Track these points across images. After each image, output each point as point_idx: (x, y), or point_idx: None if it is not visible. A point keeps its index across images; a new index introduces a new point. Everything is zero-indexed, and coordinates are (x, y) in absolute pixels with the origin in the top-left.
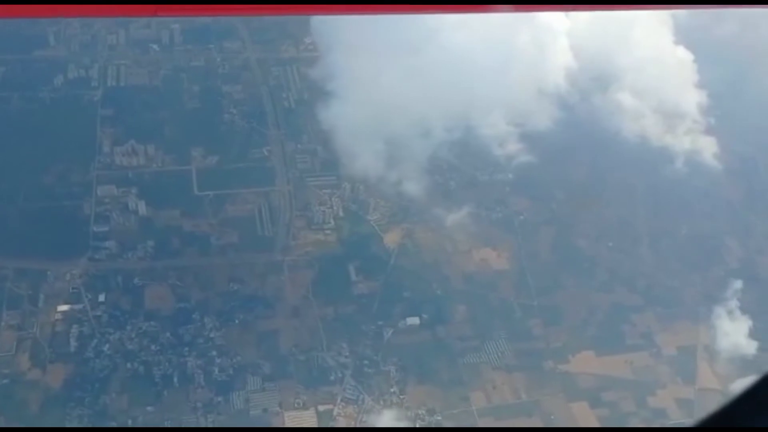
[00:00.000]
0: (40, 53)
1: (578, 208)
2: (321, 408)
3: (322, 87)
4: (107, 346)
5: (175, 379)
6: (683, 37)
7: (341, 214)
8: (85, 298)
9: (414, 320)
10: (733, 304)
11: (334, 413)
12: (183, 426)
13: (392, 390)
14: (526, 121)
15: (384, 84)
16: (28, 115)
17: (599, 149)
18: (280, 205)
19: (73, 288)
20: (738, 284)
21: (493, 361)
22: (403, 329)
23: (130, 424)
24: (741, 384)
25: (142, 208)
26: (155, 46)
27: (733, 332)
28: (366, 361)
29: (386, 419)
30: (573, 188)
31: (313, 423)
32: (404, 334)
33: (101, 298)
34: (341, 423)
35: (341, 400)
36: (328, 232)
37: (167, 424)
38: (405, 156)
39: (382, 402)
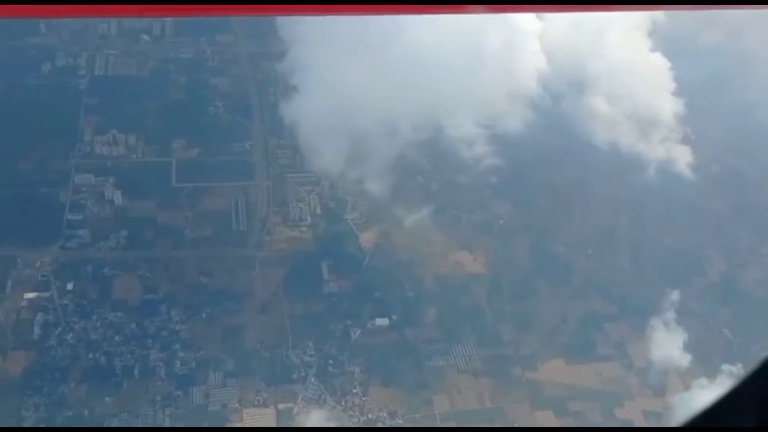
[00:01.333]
0: (31, 40)
1: (560, 214)
2: (281, 406)
3: (288, 82)
4: (71, 335)
5: (136, 371)
6: (661, 43)
7: (319, 211)
8: (53, 286)
9: (383, 321)
10: (670, 315)
11: (294, 412)
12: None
13: (355, 391)
14: (496, 124)
15: (350, 81)
16: (12, 101)
17: (572, 155)
18: (258, 200)
19: (42, 275)
20: (675, 295)
21: (460, 365)
22: (371, 330)
23: (86, 414)
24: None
25: (118, 198)
26: (146, 37)
27: (667, 344)
28: (331, 361)
29: (315, 419)
30: (555, 194)
31: (271, 421)
32: (372, 335)
33: (69, 286)
34: (299, 422)
35: (302, 399)
36: (303, 229)
37: (124, 416)
38: (374, 154)
39: (344, 402)
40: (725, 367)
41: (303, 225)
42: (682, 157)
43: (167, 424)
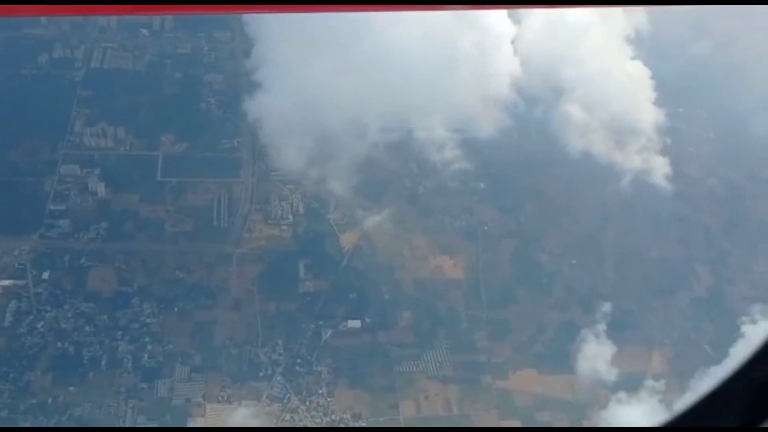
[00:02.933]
0: (31, 31)
1: (547, 222)
2: (245, 403)
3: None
4: (42, 323)
5: (103, 362)
6: (643, 51)
7: (301, 210)
8: (29, 274)
9: (355, 323)
10: (601, 327)
11: (257, 410)
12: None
13: (320, 391)
14: (467, 128)
15: (317, 79)
16: (7, 91)
17: (545, 163)
18: (241, 197)
19: (19, 263)
20: (607, 307)
21: (430, 370)
22: (343, 331)
23: (49, 402)
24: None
25: (102, 190)
26: (145, 31)
27: (595, 357)
28: (299, 360)
29: (240, 416)
30: (533, 201)
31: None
32: (343, 337)
33: (45, 275)
34: (263, 420)
35: (266, 397)
36: (284, 227)
37: (87, 406)
38: (341, 154)
39: (308, 402)
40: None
41: (284, 223)
42: (660, 168)
43: (129, 416)
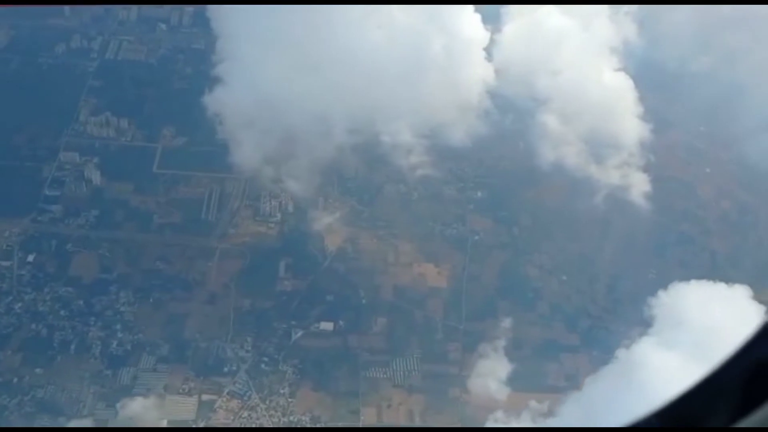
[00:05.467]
0: (53, 21)
1: (541, 236)
2: (204, 397)
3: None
4: (20, 305)
5: (73, 347)
6: (631, 63)
7: (290, 209)
8: (15, 256)
9: (328, 325)
10: (500, 343)
11: (216, 405)
12: None
13: (282, 391)
14: (435, 134)
15: (279, 77)
16: (22, 78)
17: (516, 172)
18: (233, 192)
19: (7, 245)
20: (507, 323)
21: (397, 379)
22: (314, 332)
23: (15, 382)
24: None
25: (97, 178)
26: (163, 26)
27: (488, 374)
28: (266, 359)
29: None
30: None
31: (192, 411)
32: (314, 338)
33: (30, 258)
34: (221, 415)
35: (227, 393)
36: (271, 225)
37: (50, 389)
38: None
39: (268, 401)
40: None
41: (272, 221)
42: (639, 185)
43: (89, 402)
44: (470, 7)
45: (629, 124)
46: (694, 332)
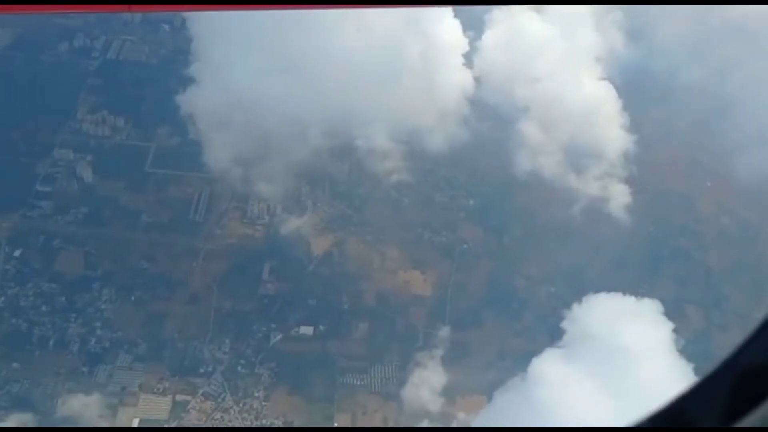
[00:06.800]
0: (59, 20)
1: (532, 246)
2: (178, 398)
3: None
4: (2, 299)
5: (52, 342)
6: (618, 73)
7: (279, 211)
8: (2, 250)
9: (308, 330)
10: (437, 353)
11: (190, 406)
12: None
13: (257, 394)
14: (412, 139)
15: (254, 78)
16: (23, 75)
17: (492, 180)
18: (223, 193)
19: None
20: (445, 332)
21: (374, 386)
22: (293, 336)
23: None
24: None
25: (89, 176)
26: (167, 27)
27: (422, 384)
28: (243, 361)
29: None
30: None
31: (166, 410)
32: (293, 342)
33: (17, 253)
34: (193, 416)
35: (201, 394)
36: (258, 227)
37: (25, 383)
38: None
39: (241, 404)
40: None
41: (259, 223)
42: (619, 197)
43: (65, 397)
44: (450, 13)
45: (614, 134)
46: (597, 346)
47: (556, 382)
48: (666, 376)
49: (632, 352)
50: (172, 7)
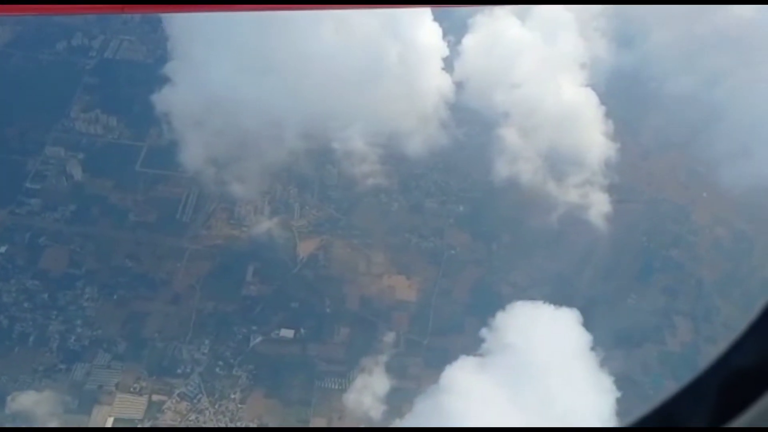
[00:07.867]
0: (58, 19)
1: (520, 254)
2: (155, 398)
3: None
4: None
5: (31, 339)
6: (602, 80)
7: (265, 213)
8: None
9: (288, 332)
10: (382, 359)
11: (165, 406)
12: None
13: (233, 396)
14: (390, 142)
15: (231, 79)
16: (20, 73)
17: (472, 185)
18: (211, 194)
19: None
20: (390, 338)
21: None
22: (273, 339)
23: None
24: None
25: (78, 174)
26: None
27: (365, 390)
28: (221, 363)
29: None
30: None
31: (141, 410)
32: (273, 344)
33: (2, 249)
34: (168, 417)
35: (177, 395)
36: (244, 228)
37: (2, 380)
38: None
39: (217, 405)
40: None
41: (245, 225)
42: (598, 205)
43: (41, 393)
44: (429, 16)
45: (595, 143)
46: (512, 354)
47: (464, 391)
48: (579, 387)
49: (546, 362)
50: (167, 8)
